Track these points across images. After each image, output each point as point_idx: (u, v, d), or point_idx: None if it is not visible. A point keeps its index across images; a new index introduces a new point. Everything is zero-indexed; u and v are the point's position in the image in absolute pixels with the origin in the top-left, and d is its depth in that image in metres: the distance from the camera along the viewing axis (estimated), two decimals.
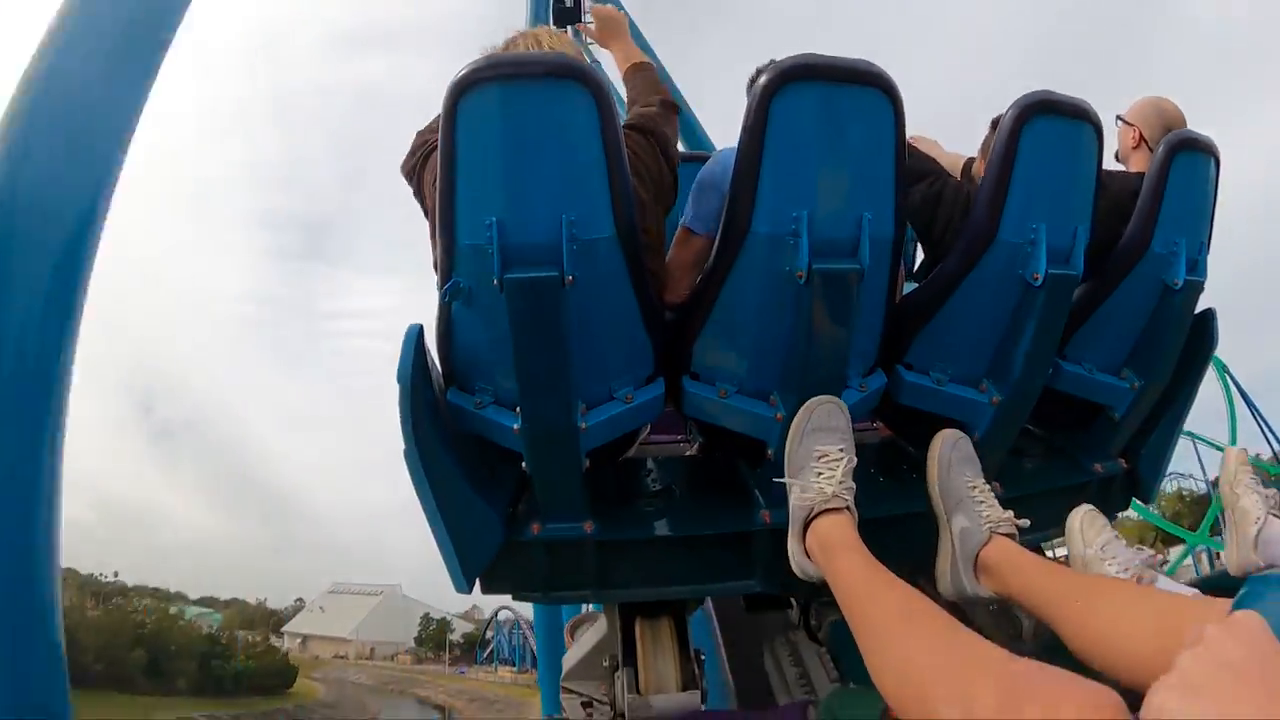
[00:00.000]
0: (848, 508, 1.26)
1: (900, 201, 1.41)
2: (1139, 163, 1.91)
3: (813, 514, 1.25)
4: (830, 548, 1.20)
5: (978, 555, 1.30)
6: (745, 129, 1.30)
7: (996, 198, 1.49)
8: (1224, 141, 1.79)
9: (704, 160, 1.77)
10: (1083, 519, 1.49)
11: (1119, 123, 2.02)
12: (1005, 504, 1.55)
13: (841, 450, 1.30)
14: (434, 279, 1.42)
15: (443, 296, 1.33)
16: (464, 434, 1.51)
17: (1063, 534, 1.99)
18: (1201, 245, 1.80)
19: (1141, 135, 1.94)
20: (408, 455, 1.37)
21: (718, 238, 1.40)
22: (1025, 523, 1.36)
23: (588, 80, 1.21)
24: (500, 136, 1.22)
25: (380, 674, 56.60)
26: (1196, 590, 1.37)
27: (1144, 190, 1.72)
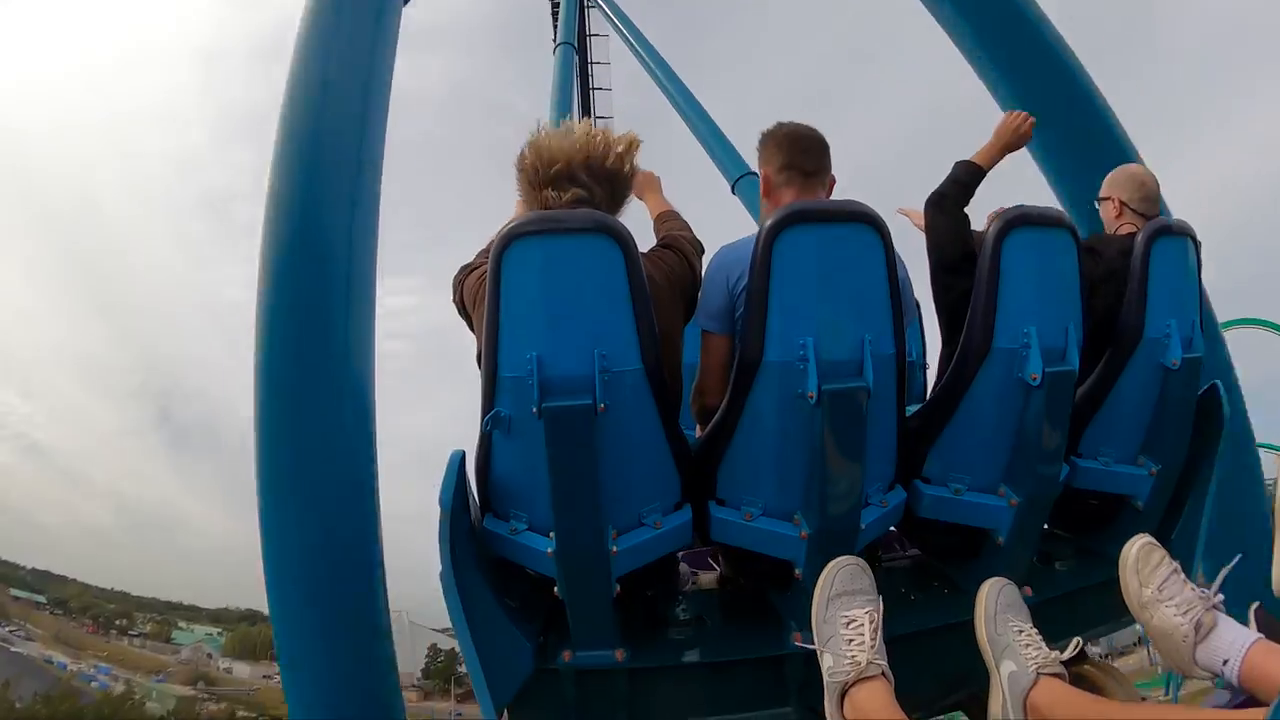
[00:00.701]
0: (883, 673, 1.24)
1: (897, 320, 1.51)
2: (1126, 229, 2.02)
3: (849, 684, 1.23)
4: None
5: (1026, 698, 1.27)
6: (753, 268, 1.44)
7: (988, 309, 1.59)
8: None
9: None
10: (1137, 554, 1.41)
11: (1098, 203, 2.16)
12: (1038, 609, 1.56)
13: (869, 611, 1.30)
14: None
15: (484, 425, 1.42)
16: (498, 561, 1.55)
17: (1105, 629, 1.96)
18: (1194, 323, 1.87)
19: (1121, 203, 2.07)
20: (444, 578, 1.42)
21: (734, 369, 1.50)
22: (1063, 655, 1.35)
23: (616, 233, 1.37)
24: (540, 282, 1.36)
25: None
26: (1260, 636, 1.27)
27: (1130, 279, 1.82)
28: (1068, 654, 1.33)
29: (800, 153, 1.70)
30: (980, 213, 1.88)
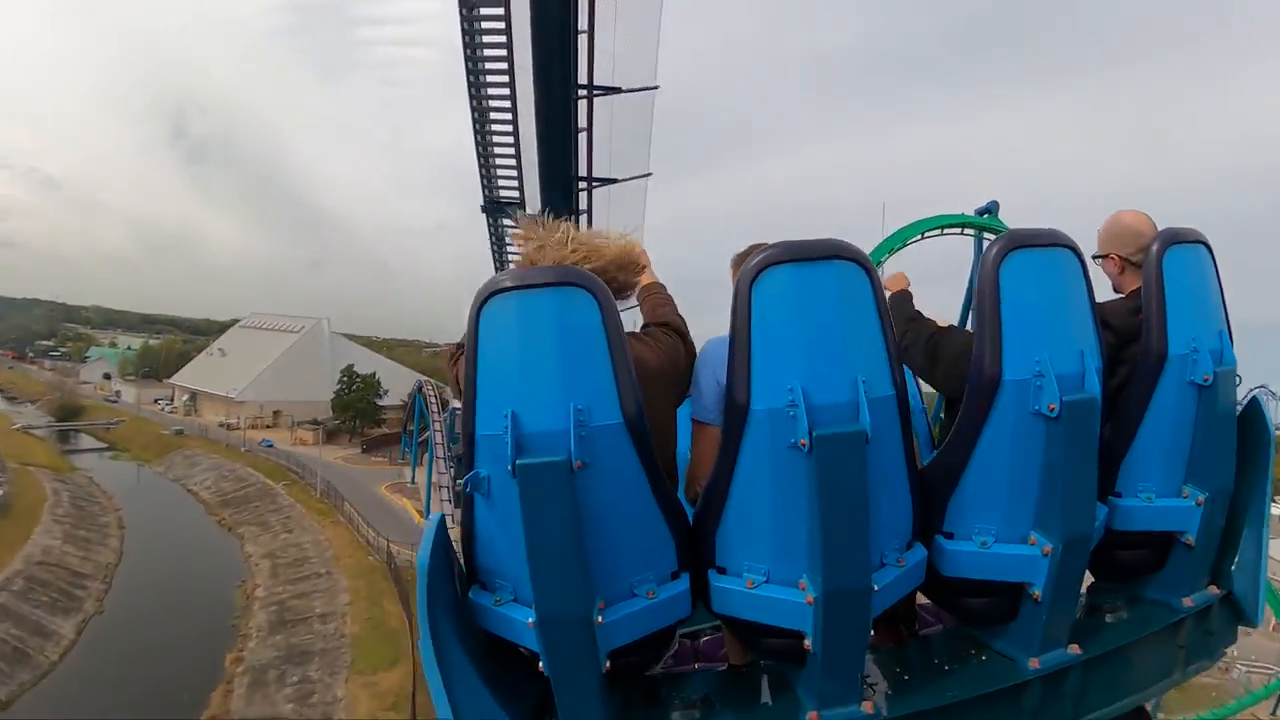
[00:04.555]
0: None
1: (893, 360, 1.41)
2: (1130, 283, 1.87)
3: None
4: None
5: None
6: (733, 315, 1.36)
7: (993, 339, 1.48)
8: None
9: None
10: None
11: (1096, 261, 1.99)
12: (1089, 665, 1.41)
13: None
14: None
15: (464, 487, 1.37)
16: (487, 639, 1.46)
17: (1165, 685, 1.79)
18: (1220, 333, 1.73)
19: (1122, 259, 1.89)
20: (423, 650, 1.34)
21: (722, 424, 1.41)
22: None
23: (589, 286, 1.33)
24: (516, 337, 1.33)
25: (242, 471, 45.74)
26: None
27: (1145, 297, 1.69)
28: None
29: None
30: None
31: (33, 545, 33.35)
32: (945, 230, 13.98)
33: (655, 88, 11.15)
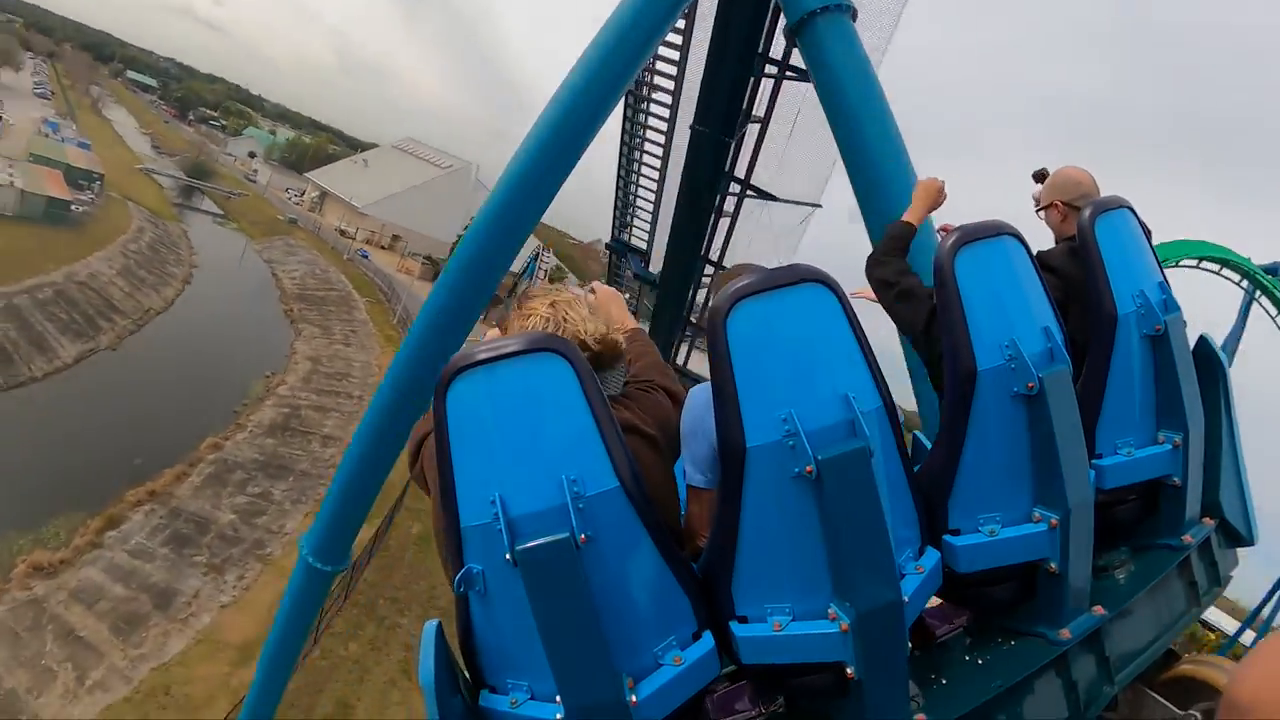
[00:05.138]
0: None
1: (875, 371, 1.42)
2: (1071, 229, 2.01)
3: None
4: None
5: None
6: (712, 357, 1.35)
7: (961, 333, 1.53)
8: None
9: None
10: None
11: (1040, 213, 2.18)
12: (1115, 623, 1.48)
13: None
14: None
15: (456, 589, 1.28)
16: None
17: (1190, 617, 1.86)
18: (1160, 285, 1.84)
19: (1063, 204, 2.09)
20: None
21: (720, 470, 1.38)
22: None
23: (561, 350, 1.28)
24: (491, 414, 1.26)
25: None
26: None
27: (1087, 266, 1.80)
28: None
29: None
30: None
31: (83, 265, 32.37)
32: (1201, 263, 12.41)
33: (817, 206, 9.57)
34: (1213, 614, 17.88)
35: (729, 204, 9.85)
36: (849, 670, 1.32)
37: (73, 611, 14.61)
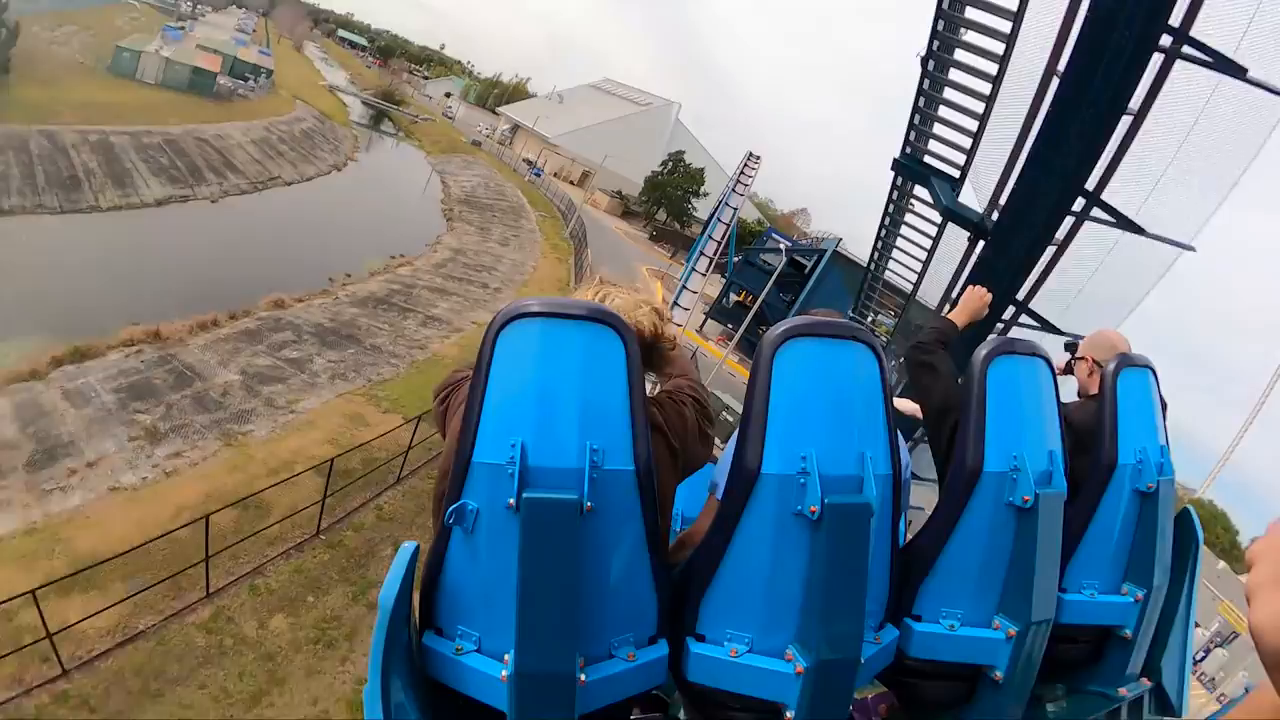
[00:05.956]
0: None
1: (893, 443, 1.49)
2: (1096, 386, 2.13)
3: None
4: None
5: None
6: (753, 379, 1.40)
7: (978, 433, 1.62)
8: None
9: None
10: None
11: (1073, 363, 2.30)
12: None
13: None
14: None
15: (445, 519, 1.28)
16: (433, 686, 1.34)
17: None
18: (1162, 448, 1.95)
19: (1094, 361, 2.22)
20: (368, 698, 1.23)
21: (724, 485, 1.42)
22: None
23: (618, 327, 1.32)
24: (536, 364, 1.28)
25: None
26: None
27: (1102, 411, 1.92)
28: None
29: None
30: None
31: (213, 126, 32.08)
32: None
33: (1189, 248, 7.61)
34: None
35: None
36: (788, 715, 1.34)
37: None
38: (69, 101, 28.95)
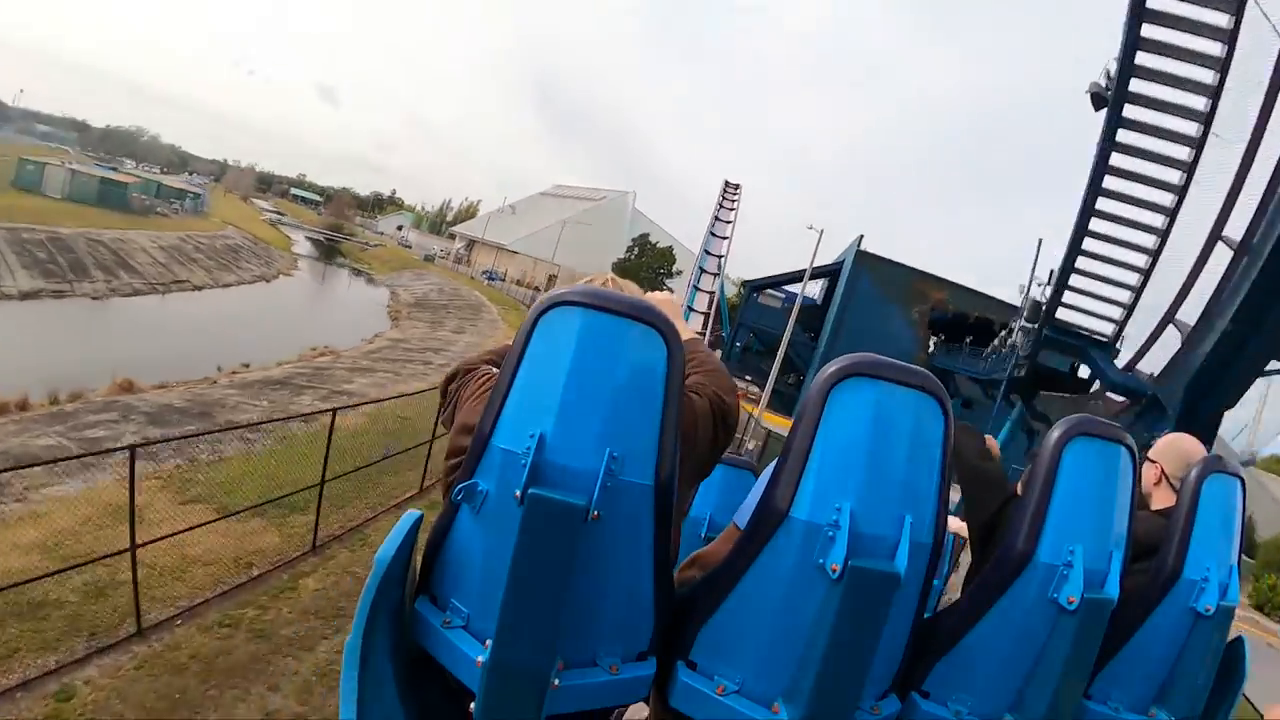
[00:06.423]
0: None
1: (941, 513, 1.36)
2: (1160, 499, 2.00)
3: None
4: None
5: None
6: (802, 415, 1.29)
7: (1036, 517, 1.46)
8: None
9: None
10: None
11: (1143, 464, 2.09)
12: None
13: None
14: None
15: (454, 494, 1.26)
16: (417, 652, 1.33)
17: None
18: (1232, 569, 1.76)
19: (1163, 471, 2.05)
20: (348, 652, 1.22)
21: (751, 521, 1.33)
22: None
23: (665, 329, 1.23)
24: (570, 354, 1.21)
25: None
26: None
27: (1176, 517, 1.73)
28: None
29: None
30: None
31: (113, 231, 31.61)
32: None
33: None
34: None
35: None
36: None
37: None
38: None
